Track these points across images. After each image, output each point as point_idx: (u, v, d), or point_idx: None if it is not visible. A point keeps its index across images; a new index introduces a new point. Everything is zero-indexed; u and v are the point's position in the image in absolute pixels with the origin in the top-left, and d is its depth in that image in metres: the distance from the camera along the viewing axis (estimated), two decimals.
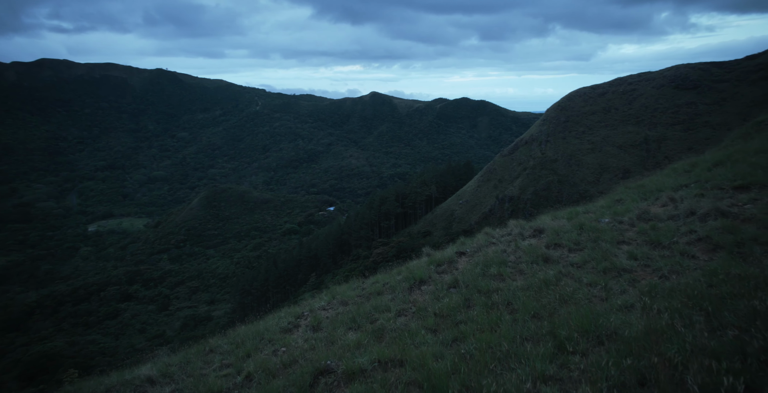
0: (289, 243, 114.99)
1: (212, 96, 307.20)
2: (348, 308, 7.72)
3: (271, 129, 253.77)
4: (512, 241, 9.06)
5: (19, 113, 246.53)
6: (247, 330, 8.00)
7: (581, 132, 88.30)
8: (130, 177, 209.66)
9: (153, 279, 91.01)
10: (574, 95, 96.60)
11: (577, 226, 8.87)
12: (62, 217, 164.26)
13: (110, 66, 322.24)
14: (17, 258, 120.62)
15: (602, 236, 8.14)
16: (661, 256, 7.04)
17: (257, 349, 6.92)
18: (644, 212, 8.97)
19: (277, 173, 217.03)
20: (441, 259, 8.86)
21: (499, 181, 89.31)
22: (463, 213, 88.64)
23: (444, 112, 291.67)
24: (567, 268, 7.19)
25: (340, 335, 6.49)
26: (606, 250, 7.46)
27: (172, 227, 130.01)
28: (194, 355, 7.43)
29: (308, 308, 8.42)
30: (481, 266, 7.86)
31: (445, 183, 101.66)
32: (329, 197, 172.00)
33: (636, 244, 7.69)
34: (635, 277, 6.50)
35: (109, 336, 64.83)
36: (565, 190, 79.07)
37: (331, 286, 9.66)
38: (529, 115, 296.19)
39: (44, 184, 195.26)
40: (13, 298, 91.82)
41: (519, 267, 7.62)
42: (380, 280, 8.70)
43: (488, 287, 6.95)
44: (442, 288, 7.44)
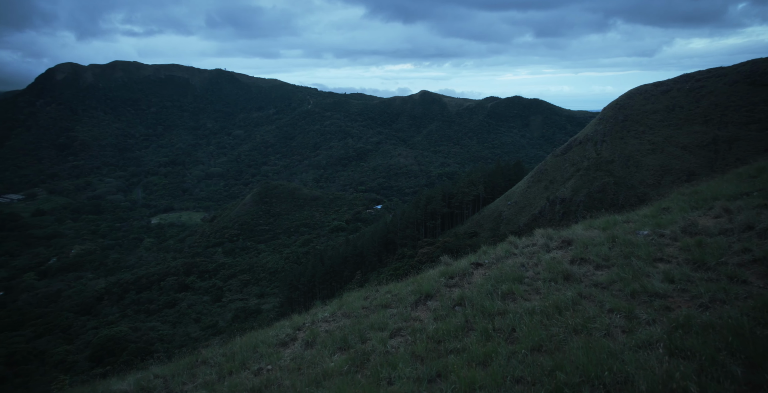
0: (336, 240, 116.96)
1: (267, 95, 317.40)
2: (348, 322, 7.36)
3: (322, 127, 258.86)
4: (536, 253, 8.32)
5: (95, 112, 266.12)
6: (244, 341, 7.75)
7: (641, 131, 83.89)
8: (190, 173, 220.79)
9: (208, 271, 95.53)
10: (634, 93, 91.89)
11: (609, 238, 7.99)
12: (129, 209, 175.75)
13: (174, 67, 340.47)
14: (90, 247, 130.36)
15: (636, 252, 7.22)
16: (703, 279, 6.07)
17: (244, 365, 6.64)
18: (691, 224, 7.89)
19: (327, 171, 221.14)
20: (454, 271, 8.28)
21: (550, 182, 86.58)
22: (512, 214, 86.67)
23: (495, 110, 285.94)
24: (589, 288, 6.40)
25: (325, 357, 6.15)
26: (638, 269, 6.58)
27: (227, 222, 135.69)
28: (185, 366, 7.24)
29: (311, 319, 8.11)
30: (493, 282, 7.22)
31: (494, 183, 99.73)
32: (377, 196, 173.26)
33: (676, 262, 6.72)
34: (669, 304, 5.63)
35: (168, 324, 68.91)
36: (621, 193, 75.46)
37: (345, 294, 9.29)
38: (585, 114, 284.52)
39: (114, 178, 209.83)
40: (86, 284, 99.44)
41: (535, 285, 6.90)
42: (392, 291, 8.27)
43: (494, 308, 6.32)
44: (447, 305, 6.90)
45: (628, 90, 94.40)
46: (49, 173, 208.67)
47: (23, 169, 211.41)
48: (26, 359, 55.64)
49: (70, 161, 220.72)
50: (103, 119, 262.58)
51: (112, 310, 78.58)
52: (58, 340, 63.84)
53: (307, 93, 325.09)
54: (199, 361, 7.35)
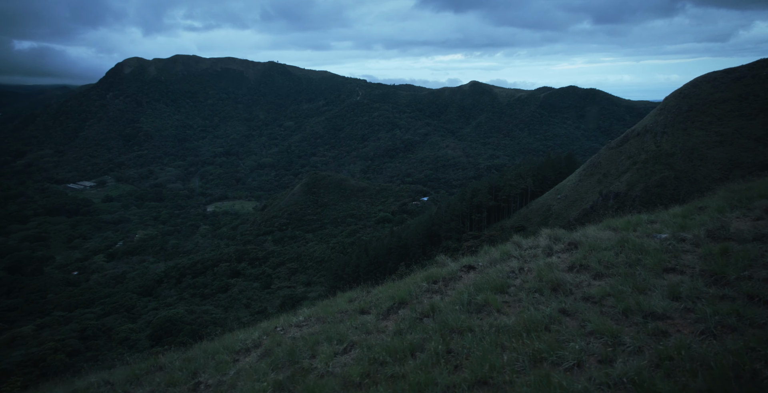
0: (381, 231, 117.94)
1: (317, 87, 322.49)
2: (318, 329, 6.86)
3: (370, 119, 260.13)
4: (535, 256, 7.51)
5: (157, 104, 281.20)
6: (207, 346, 7.36)
7: (707, 122, 78.46)
8: (243, 163, 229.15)
9: (258, 258, 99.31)
10: (700, 81, 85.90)
11: (620, 241, 7.08)
12: (187, 197, 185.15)
13: (230, 60, 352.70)
14: (152, 232, 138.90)
15: (645, 259, 6.29)
16: (717, 296, 5.15)
17: (195, 375, 6.28)
18: (721, 227, 6.82)
19: (374, 162, 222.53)
20: (441, 274, 7.58)
21: (603, 176, 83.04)
22: (561, 208, 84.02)
23: (548, 101, 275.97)
24: (577, 303, 5.60)
25: (262, 375, 5.69)
26: (641, 281, 5.73)
27: (276, 211, 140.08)
28: (142, 371, 6.95)
29: (285, 322, 7.66)
30: (472, 290, 6.50)
31: (543, 176, 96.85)
32: (423, 187, 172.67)
33: (690, 273, 5.81)
34: (666, 328, 4.74)
35: (220, 308, 72.57)
36: (682, 188, 71.16)
37: (338, 294, 8.79)
38: (646, 104, 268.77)
39: (174, 167, 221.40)
40: (148, 267, 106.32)
41: (518, 295, 6.14)
42: (384, 292, 7.66)
43: (460, 324, 5.58)
44: (416, 316, 6.23)
45: (695, 78, 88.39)
46: (117, 162, 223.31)
47: (95, 157, 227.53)
48: (96, 335, 60.59)
49: (135, 151, 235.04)
50: (164, 111, 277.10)
51: (170, 292, 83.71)
52: (123, 319, 68.98)
53: (356, 84, 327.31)
54: (156, 366, 6.99)
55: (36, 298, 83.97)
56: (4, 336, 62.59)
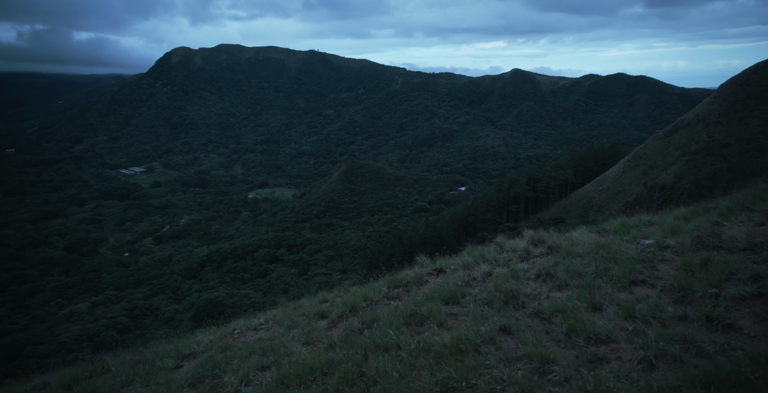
0: (418, 221, 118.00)
1: (356, 75, 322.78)
2: (267, 335, 6.59)
3: (409, 107, 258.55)
4: (509, 261, 7.08)
5: (202, 93, 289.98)
6: (163, 348, 7.00)
7: (767, 111, 73.55)
8: (283, 151, 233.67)
9: (296, 245, 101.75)
10: (761, 67, 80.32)
11: (596, 248, 6.68)
12: (229, 184, 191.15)
13: (272, 49, 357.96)
14: (196, 217, 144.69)
15: (614, 269, 5.87)
16: (675, 317, 4.73)
17: (128, 383, 5.96)
18: (712, 234, 6.25)
19: (412, 151, 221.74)
20: (405, 279, 7.22)
21: (649, 167, 79.67)
22: (603, 201, 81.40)
23: (594, 89, 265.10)
24: (524, 319, 5.23)
25: (175, 388, 5.42)
26: (600, 295, 5.32)
27: (315, 199, 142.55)
28: (85, 374, 6.65)
29: (243, 325, 7.37)
30: (422, 299, 6.15)
31: (584, 167, 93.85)
32: (461, 177, 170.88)
33: (659, 288, 5.40)
34: (606, 354, 4.35)
35: (259, 292, 75.10)
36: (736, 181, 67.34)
37: (319, 292, 8.42)
38: (701, 91, 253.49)
39: (217, 154, 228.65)
40: (192, 250, 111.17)
41: (469, 307, 5.72)
42: (357, 293, 7.25)
43: (387, 341, 5.18)
44: (356, 327, 5.89)
45: (754, 64, 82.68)
46: (164, 149, 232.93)
47: (144, 144, 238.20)
48: (144, 314, 64.32)
49: (182, 138, 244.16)
50: (209, 99, 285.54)
51: (212, 276, 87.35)
52: (169, 300, 72.73)
53: (395, 73, 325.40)
54: (103, 369, 6.68)
55: (91, 277, 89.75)
56: (64, 311, 67.57)
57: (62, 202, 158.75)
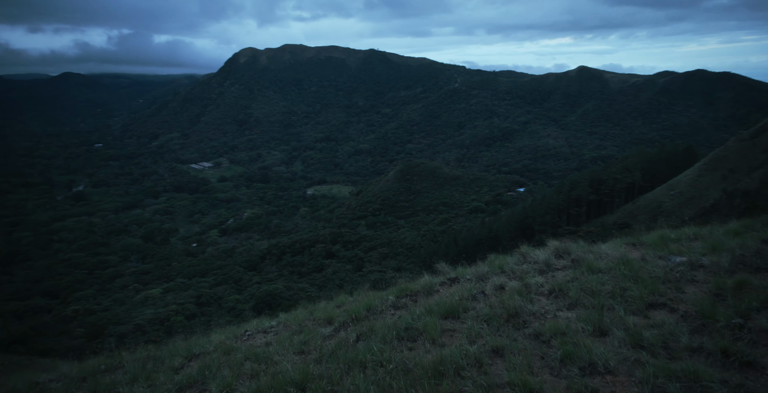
0: (473, 221, 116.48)
1: (415, 74, 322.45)
2: (275, 339, 6.58)
3: (468, 106, 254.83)
4: (527, 272, 6.77)
5: (266, 92, 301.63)
6: (177, 346, 7.04)
7: None
8: (341, 148, 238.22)
9: (351, 242, 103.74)
10: None
11: (620, 263, 6.26)
12: (290, 180, 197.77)
13: (333, 48, 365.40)
14: (258, 211, 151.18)
15: (632, 290, 5.45)
16: (686, 349, 4.29)
17: (134, 380, 6.01)
18: (758, 253, 5.65)
19: (470, 150, 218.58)
20: (416, 288, 7.01)
21: (730, 171, 73.80)
22: (675, 206, 76.41)
23: (669, 87, 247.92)
24: (522, 340, 4.93)
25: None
26: (609, 319, 4.91)
27: (370, 196, 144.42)
28: (100, 367, 6.80)
29: (255, 327, 7.37)
30: (421, 312, 5.93)
31: (654, 170, 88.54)
32: (520, 178, 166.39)
33: (678, 313, 4.91)
34: (599, 387, 4.02)
35: (315, 286, 77.46)
36: None
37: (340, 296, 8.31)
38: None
39: (279, 151, 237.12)
40: (253, 243, 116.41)
41: (468, 323, 5.45)
42: (362, 301, 7.07)
43: (371, 357, 5.00)
44: (352, 338, 5.73)
45: None
46: (230, 145, 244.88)
47: (213, 141, 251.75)
48: (208, 302, 68.46)
49: (246, 135, 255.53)
50: (272, 98, 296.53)
51: (271, 268, 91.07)
52: (231, 289, 76.83)
53: (454, 71, 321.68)
54: (116, 365, 6.78)
55: (163, 265, 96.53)
56: (139, 296, 73.39)
57: (140, 194, 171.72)
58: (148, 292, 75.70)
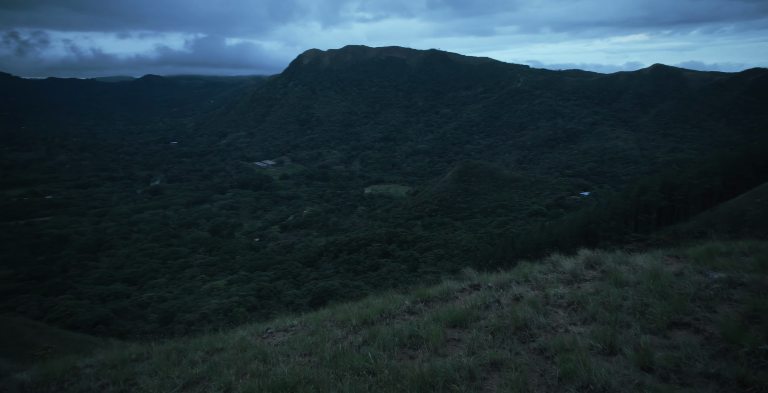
0: (533, 225, 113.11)
1: (476, 73, 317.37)
2: (287, 338, 6.60)
3: (530, 106, 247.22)
4: (551, 282, 6.56)
5: (328, 92, 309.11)
6: (201, 340, 7.05)
7: None
8: (399, 148, 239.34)
9: (407, 241, 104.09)
10: None
11: (650, 277, 5.95)
12: (348, 179, 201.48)
13: (394, 49, 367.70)
14: (317, 209, 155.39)
15: (655, 306, 5.10)
16: (699, 375, 4.00)
17: (150, 375, 5.94)
18: None
19: (531, 152, 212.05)
20: (435, 294, 6.92)
21: None
22: (761, 215, 69.95)
23: (760, 85, 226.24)
24: (525, 354, 4.76)
25: (168, 388, 5.47)
26: (623, 336, 4.68)
27: (427, 197, 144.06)
28: (130, 356, 6.87)
29: (277, 325, 7.36)
30: (426, 320, 5.86)
31: (737, 175, 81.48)
32: (585, 181, 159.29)
33: (702, 335, 4.60)
34: None
35: (370, 285, 78.60)
36: None
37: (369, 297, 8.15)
38: None
39: (338, 150, 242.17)
40: (312, 240, 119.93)
41: (473, 334, 5.31)
42: (376, 305, 7.01)
43: (364, 364, 4.93)
44: (358, 342, 5.68)
45: None
46: (293, 144, 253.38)
47: (276, 139, 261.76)
48: (268, 295, 71.49)
49: (308, 134, 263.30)
50: (333, 98, 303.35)
51: (328, 265, 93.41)
52: (290, 284, 79.68)
53: (517, 70, 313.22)
54: (146, 354, 6.87)
55: (228, 258, 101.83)
56: (206, 286, 77.99)
57: (209, 190, 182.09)
58: (213, 283, 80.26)
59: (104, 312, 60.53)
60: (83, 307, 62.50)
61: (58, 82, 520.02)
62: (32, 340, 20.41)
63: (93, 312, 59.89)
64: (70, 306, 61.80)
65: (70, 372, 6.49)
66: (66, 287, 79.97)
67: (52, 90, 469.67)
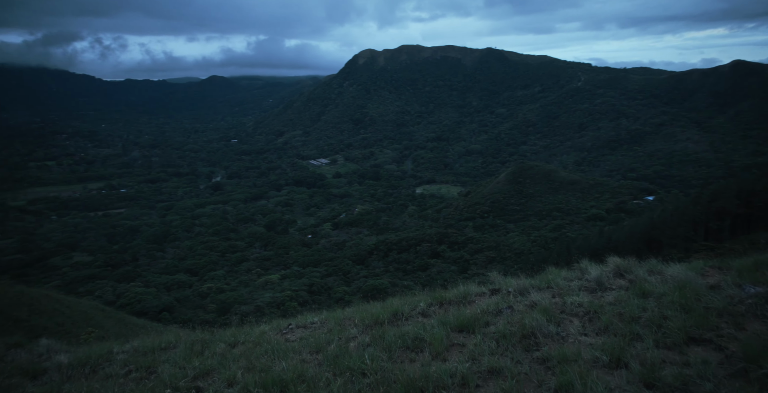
0: (590, 229, 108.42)
1: (533, 72, 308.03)
2: (306, 334, 6.67)
3: (591, 106, 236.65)
4: (572, 290, 6.37)
5: (382, 92, 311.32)
6: (225, 333, 7.19)
7: None
8: (452, 148, 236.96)
9: (457, 243, 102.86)
10: None
11: (677, 288, 5.62)
12: (399, 178, 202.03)
13: (449, 48, 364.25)
14: (368, 208, 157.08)
15: (674, 320, 4.83)
16: None
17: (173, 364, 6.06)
18: None
19: (591, 154, 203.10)
20: (452, 297, 6.87)
21: None
22: None
23: None
24: (527, 364, 4.64)
25: (178, 378, 5.54)
26: (634, 350, 4.46)
27: (479, 198, 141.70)
28: (160, 344, 7.02)
29: (299, 321, 7.42)
30: (433, 324, 5.82)
31: None
32: (650, 185, 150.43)
33: (724, 353, 4.33)
34: None
35: (419, 284, 78.53)
36: None
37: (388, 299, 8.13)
38: None
39: (391, 150, 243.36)
40: (362, 238, 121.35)
41: (475, 340, 5.27)
42: (390, 306, 7.00)
43: (358, 366, 4.94)
44: (363, 343, 5.71)
45: None
46: (346, 143, 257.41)
47: (331, 138, 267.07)
48: (319, 291, 73.17)
49: (361, 134, 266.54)
50: (387, 98, 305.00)
51: (378, 264, 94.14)
52: (340, 281, 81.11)
53: (578, 69, 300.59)
54: (174, 343, 7.01)
55: (282, 253, 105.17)
56: (260, 280, 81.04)
57: (265, 186, 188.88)
58: (268, 277, 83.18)
59: (168, 300, 64.39)
60: (150, 294, 66.83)
61: (134, 83, 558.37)
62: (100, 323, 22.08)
63: (159, 300, 63.89)
64: (139, 293, 66.28)
65: (104, 356, 6.78)
66: (136, 275, 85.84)
67: (128, 91, 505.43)
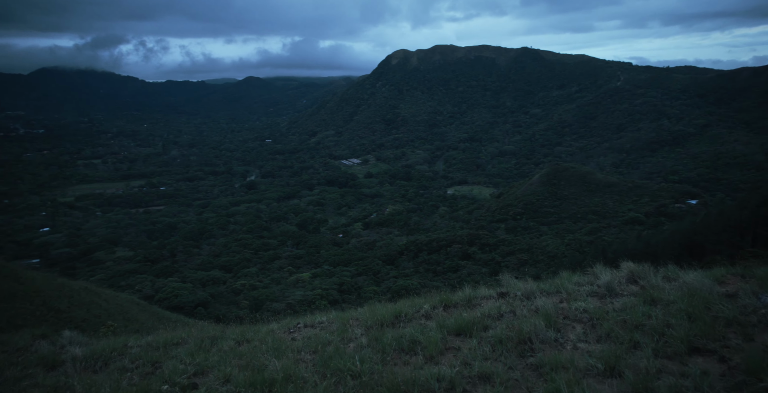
0: (628, 234, 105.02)
1: (570, 72, 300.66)
2: (311, 333, 6.64)
3: (631, 106, 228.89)
4: (581, 295, 6.29)
5: (414, 92, 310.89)
6: (235, 330, 7.22)
7: None
8: (485, 149, 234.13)
9: (489, 245, 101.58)
10: None
11: (686, 295, 5.45)
12: (431, 179, 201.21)
13: (483, 48, 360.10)
14: (399, 208, 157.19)
15: (678, 328, 4.68)
16: None
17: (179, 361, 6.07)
18: None
19: (630, 155, 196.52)
20: (460, 299, 6.75)
21: None
22: None
23: None
24: (519, 370, 4.55)
25: (178, 375, 5.57)
26: (631, 358, 4.33)
27: (512, 199, 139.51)
28: (173, 340, 7.08)
29: (307, 321, 7.36)
30: (432, 327, 5.76)
31: None
32: (693, 188, 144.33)
33: (727, 364, 4.15)
34: None
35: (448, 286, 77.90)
36: None
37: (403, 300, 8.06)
38: None
39: (422, 150, 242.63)
40: (393, 239, 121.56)
41: (471, 344, 5.19)
42: (392, 309, 6.93)
43: (349, 367, 4.87)
44: (362, 344, 5.64)
45: None
46: (378, 143, 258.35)
47: (362, 138, 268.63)
48: (349, 290, 73.86)
49: (393, 134, 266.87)
50: (420, 98, 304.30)
51: (408, 264, 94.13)
52: (370, 281, 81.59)
53: (617, 68, 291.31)
54: (183, 340, 7.07)
55: (313, 252, 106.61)
56: (292, 278, 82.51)
57: (298, 186, 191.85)
58: (299, 275, 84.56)
59: (203, 296, 66.45)
60: (186, 289, 69.13)
61: (174, 84, 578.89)
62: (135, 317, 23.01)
63: (194, 295, 66.03)
64: (176, 288, 68.67)
65: (119, 350, 6.89)
66: (173, 271, 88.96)
67: (168, 91, 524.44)
